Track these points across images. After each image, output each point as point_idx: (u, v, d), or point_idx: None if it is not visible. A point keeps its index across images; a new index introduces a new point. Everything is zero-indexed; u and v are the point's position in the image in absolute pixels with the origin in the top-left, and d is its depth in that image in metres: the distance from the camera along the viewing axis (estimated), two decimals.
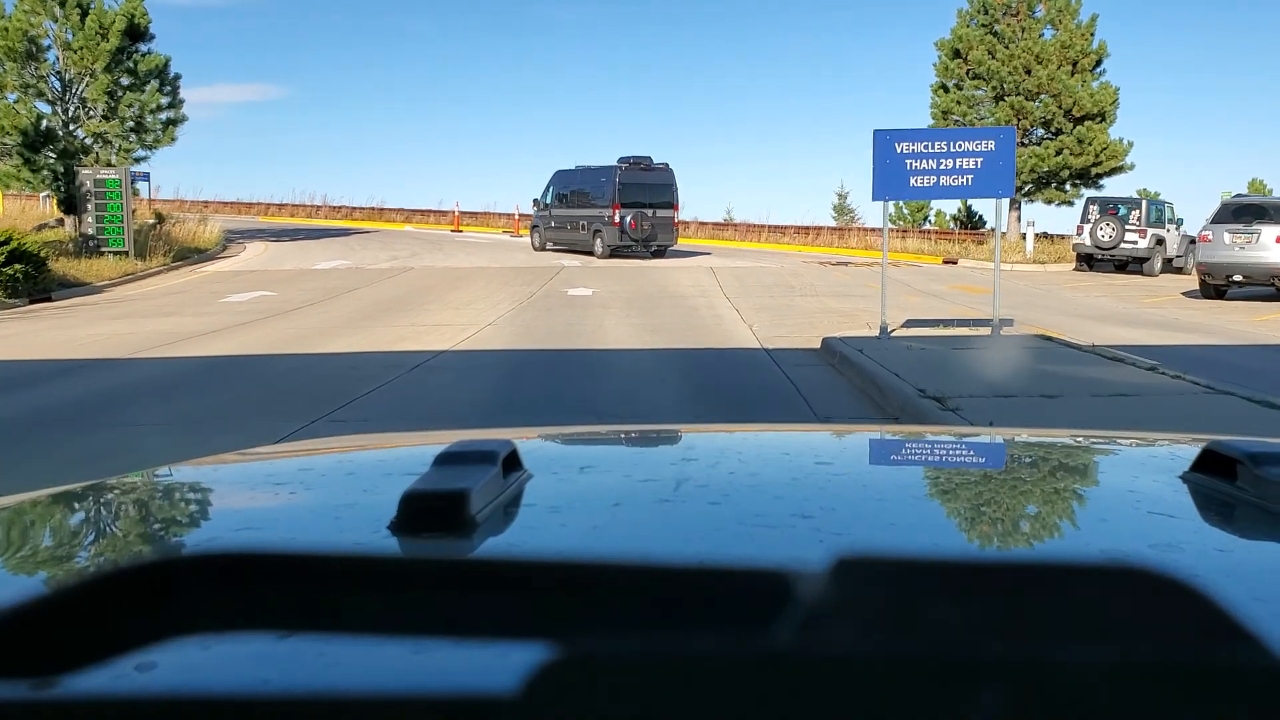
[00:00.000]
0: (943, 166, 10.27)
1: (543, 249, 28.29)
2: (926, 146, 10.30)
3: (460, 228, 37.27)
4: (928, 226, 35.41)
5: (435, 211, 41.78)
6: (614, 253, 25.71)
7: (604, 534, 0.86)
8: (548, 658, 0.32)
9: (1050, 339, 11.05)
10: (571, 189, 27.66)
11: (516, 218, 35.52)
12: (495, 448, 0.89)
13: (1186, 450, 1.06)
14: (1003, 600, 0.34)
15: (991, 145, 10.33)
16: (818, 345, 11.04)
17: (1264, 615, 0.38)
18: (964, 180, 10.40)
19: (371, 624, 0.41)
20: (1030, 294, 18.78)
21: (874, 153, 10.42)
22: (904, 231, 30.72)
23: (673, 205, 26.38)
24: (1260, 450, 0.86)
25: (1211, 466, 0.93)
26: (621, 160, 26.39)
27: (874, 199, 10.82)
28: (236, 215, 46.76)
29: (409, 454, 1.29)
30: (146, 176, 42.72)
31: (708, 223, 37.24)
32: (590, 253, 26.24)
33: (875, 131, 10.47)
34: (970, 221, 34.33)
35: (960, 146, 10.30)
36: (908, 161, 10.28)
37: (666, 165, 26.64)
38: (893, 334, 11.04)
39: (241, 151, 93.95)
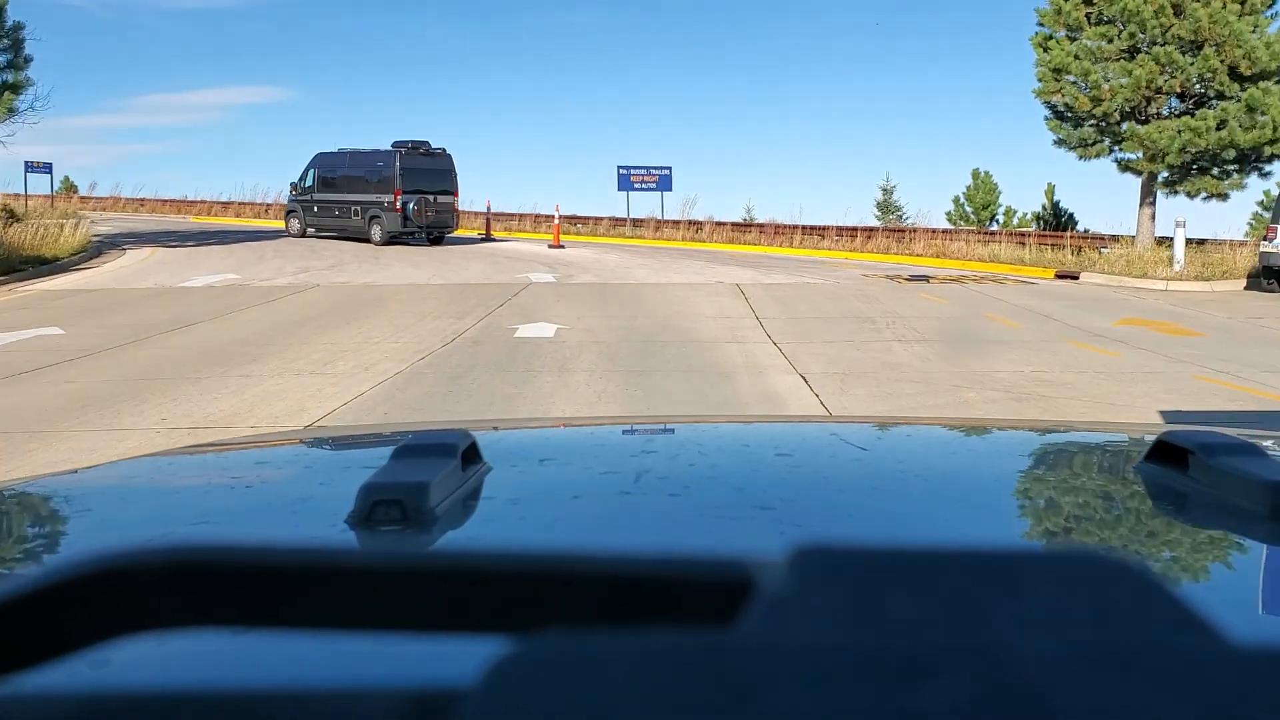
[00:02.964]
0: None
1: (303, 235, 26.94)
2: None
3: None
4: (995, 228, 28.56)
5: None
6: (393, 239, 24.81)
7: (564, 526, 0.86)
8: (507, 651, 0.32)
9: None
10: (339, 173, 26.34)
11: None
12: (454, 440, 0.88)
13: (1140, 440, 1.07)
14: (960, 590, 0.35)
15: None
16: None
17: (1215, 603, 0.39)
18: None
19: (329, 618, 0.41)
20: (1274, 339, 11.85)
21: None
22: (989, 235, 23.76)
23: (453, 192, 25.78)
24: (1211, 441, 0.88)
25: (1165, 457, 0.93)
26: (398, 144, 25.44)
27: None
28: (175, 215, 40.49)
29: (368, 446, 1.30)
30: (48, 167, 36.35)
31: (725, 223, 30.34)
32: (365, 240, 25.14)
33: None
34: (1058, 220, 27.39)
35: None
36: None
37: (444, 150, 26.01)
38: None
39: (246, 153, 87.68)
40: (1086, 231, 23.75)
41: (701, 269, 19.70)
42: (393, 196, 24.74)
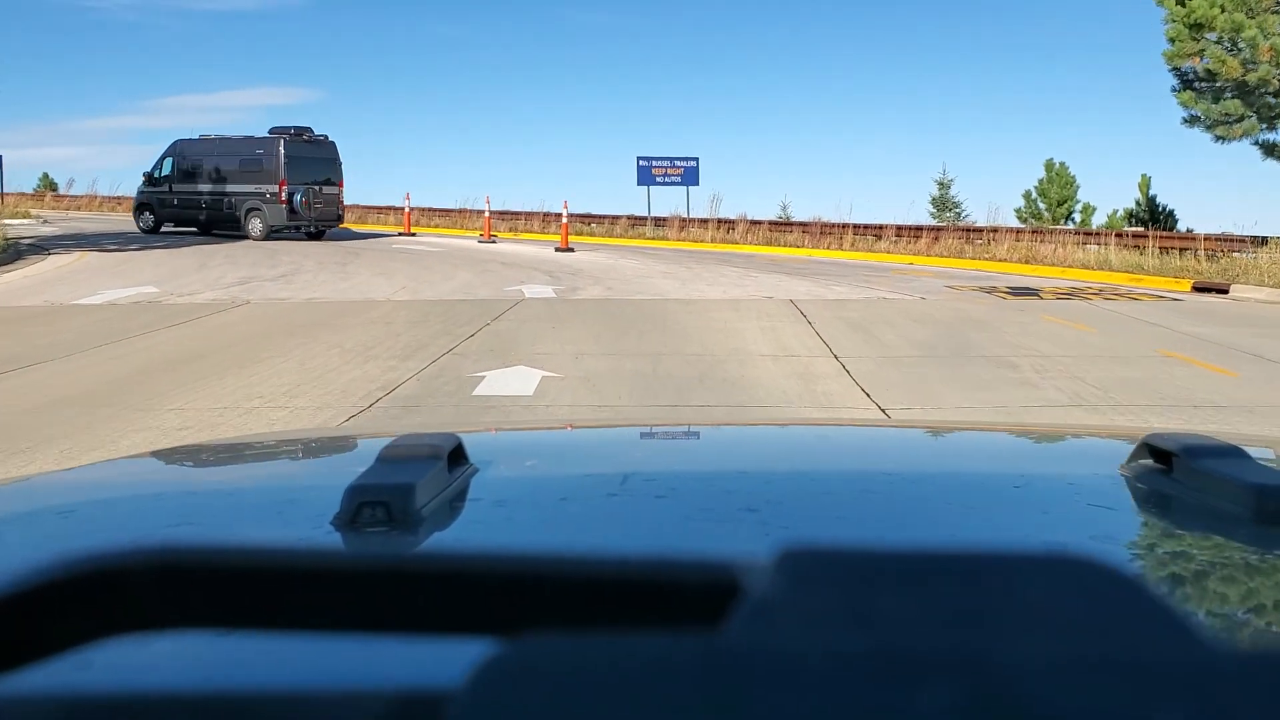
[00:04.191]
0: None
1: (156, 230, 24.62)
2: None
3: (413, 230, 26.82)
4: (1071, 226, 24.55)
5: (394, 209, 31.26)
6: (274, 234, 22.77)
7: (550, 528, 0.85)
8: (493, 653, 0.32)
9: None
10: (207, 162, 23.90)
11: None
12: (440, 442, 0.88)
13: (1125, 444, 1.04)
14: (948, 593, 0.35)
15: None
16: None
17: (1200, 606, 0.38)
18: None
19: (315, 620, 0.40)
20: None
21: None
22: (1087, 235, 19.72)
23: (338, 182, 23.84)
24: (1195, 444, 0.87)
25: (1149, 460, 0.93)
26: (276, 130, 23.34)
27: None
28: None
29: (353, 448, 1.28)
30: None
31: (761, 222, 26.41)
32: (241, 235, 22.99)
33: None
34: (1154, 217, 23.34)
35: None
36: None
37: (328, 137, 23.96)
38: None
39: None
40: (1190, 230, 19.73)
41: (741, 278, 15.88)
42: (276, 187, 22.63)
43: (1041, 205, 26.50)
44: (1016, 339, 9.54)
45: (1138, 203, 23.89)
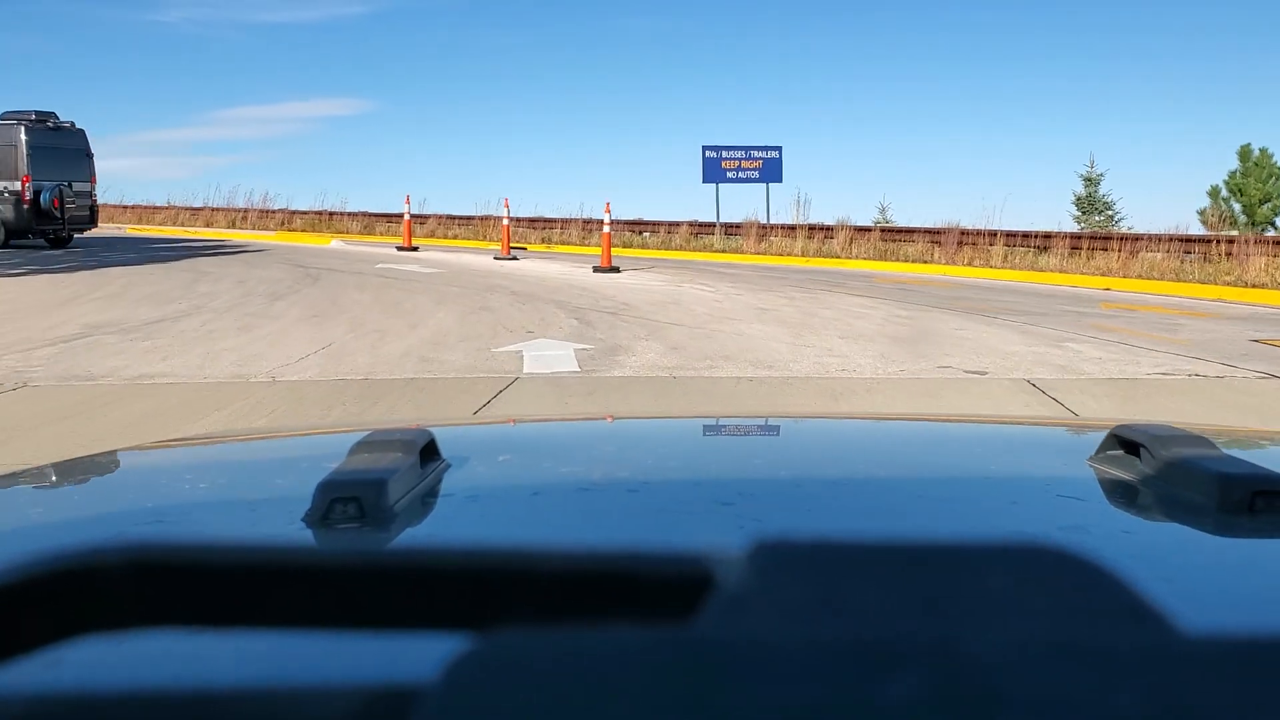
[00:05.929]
0: None
1: None
2: None
3: (414, 243, 21.06)
4: (1273, 233, 18.23)
5: (394, 216, 25.71)
6: (11, 240, 19.18)
7: (523, 523, 0.86)
8: (466, 648, 0.32)
9: None
10: None
11: None
12: (412, 437, 0.89)
13: (1093, 435, 1.05)
14: (918, 582, 0.35)
15: None
16: None
17: (1168, 595, 0.39)
18: None
19: (287, 617, 0.41)
20: None
21: None
22: None
23: (90, 178, 20.34)
24: (1164, 434, 0.88)
25: (1118, 450, 0.94)
26: (12, 115, 19.09)
27: None
28: (121, 224, 32.64)
29: (325, 443, 1.29)
30: None
31: (870, 228, 20.35)
32: None
33: None
34: None
35: None
36: None
37: (75, 124, 20.16)
38: None
39: (333, 163, 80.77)
40: None
41: (887, 321, 9.93)
42: (18, 184, 18.72)
43: (1236, 205, 20.17)
44: None
45: None
